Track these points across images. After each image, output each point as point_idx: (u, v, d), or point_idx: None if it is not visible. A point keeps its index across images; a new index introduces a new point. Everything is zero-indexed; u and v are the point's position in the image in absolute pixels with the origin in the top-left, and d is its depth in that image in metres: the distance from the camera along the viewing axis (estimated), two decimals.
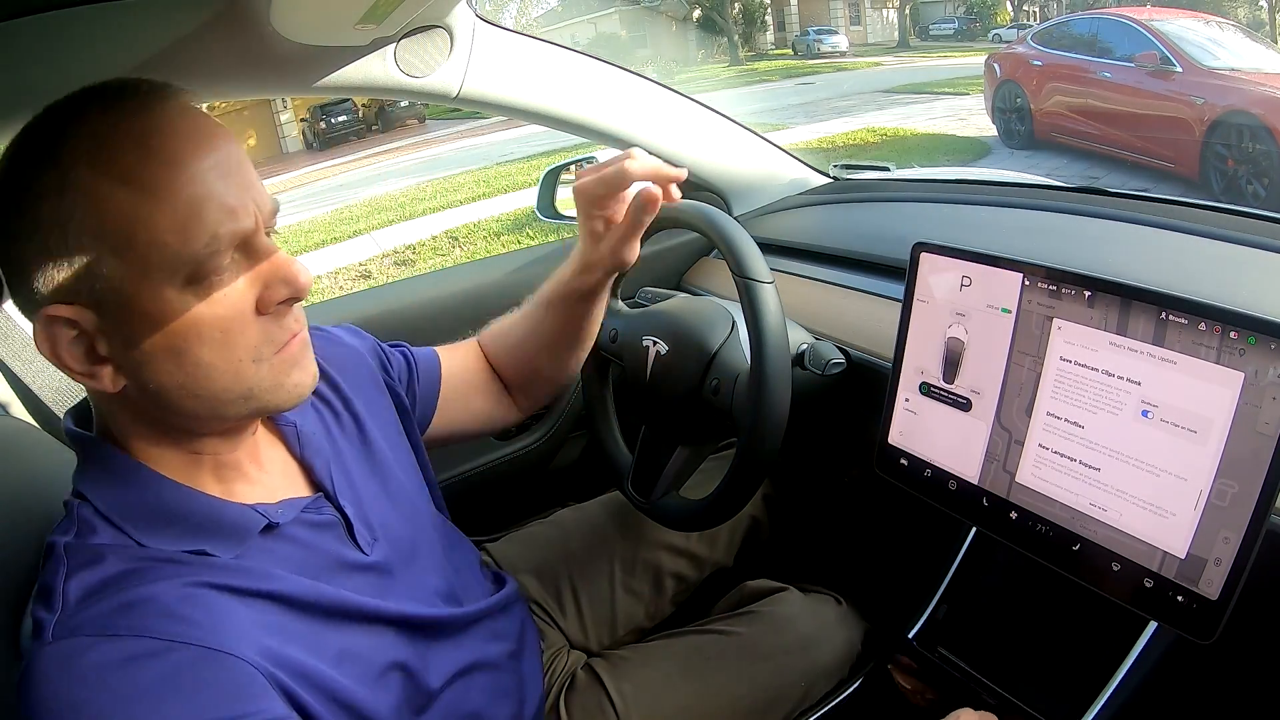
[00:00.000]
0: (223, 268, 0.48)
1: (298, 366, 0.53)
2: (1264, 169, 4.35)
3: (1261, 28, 11.74)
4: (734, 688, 0.79)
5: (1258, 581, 0.51)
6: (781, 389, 0.72)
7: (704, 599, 0.96)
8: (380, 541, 0.62)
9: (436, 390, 0.79)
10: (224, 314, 0.49)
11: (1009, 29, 15.14)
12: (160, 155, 0.46)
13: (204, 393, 0.50)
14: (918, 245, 0.71)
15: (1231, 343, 0.51)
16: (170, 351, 0.48)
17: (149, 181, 0.46)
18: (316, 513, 0.59)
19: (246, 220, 0.49)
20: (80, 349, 0.48)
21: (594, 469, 1.01)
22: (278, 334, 0.52)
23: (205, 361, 0.49)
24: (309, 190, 11.81)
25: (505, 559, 0.93)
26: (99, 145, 0.46)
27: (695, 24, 21.02)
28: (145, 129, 0.47)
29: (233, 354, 0.50)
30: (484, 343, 0.87)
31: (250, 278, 0.50)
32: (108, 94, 0.48)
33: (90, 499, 0.50)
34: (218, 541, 0.51)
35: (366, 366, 0.73)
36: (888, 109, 9.76)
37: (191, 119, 0.49)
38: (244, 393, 0.51)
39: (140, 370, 0.49)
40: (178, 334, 0.48)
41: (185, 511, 0.52)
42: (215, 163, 0.48)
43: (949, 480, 0.70)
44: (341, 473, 0.63)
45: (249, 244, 0.50)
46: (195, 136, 0.48)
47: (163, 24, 0.74)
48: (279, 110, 17.02)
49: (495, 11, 20.94)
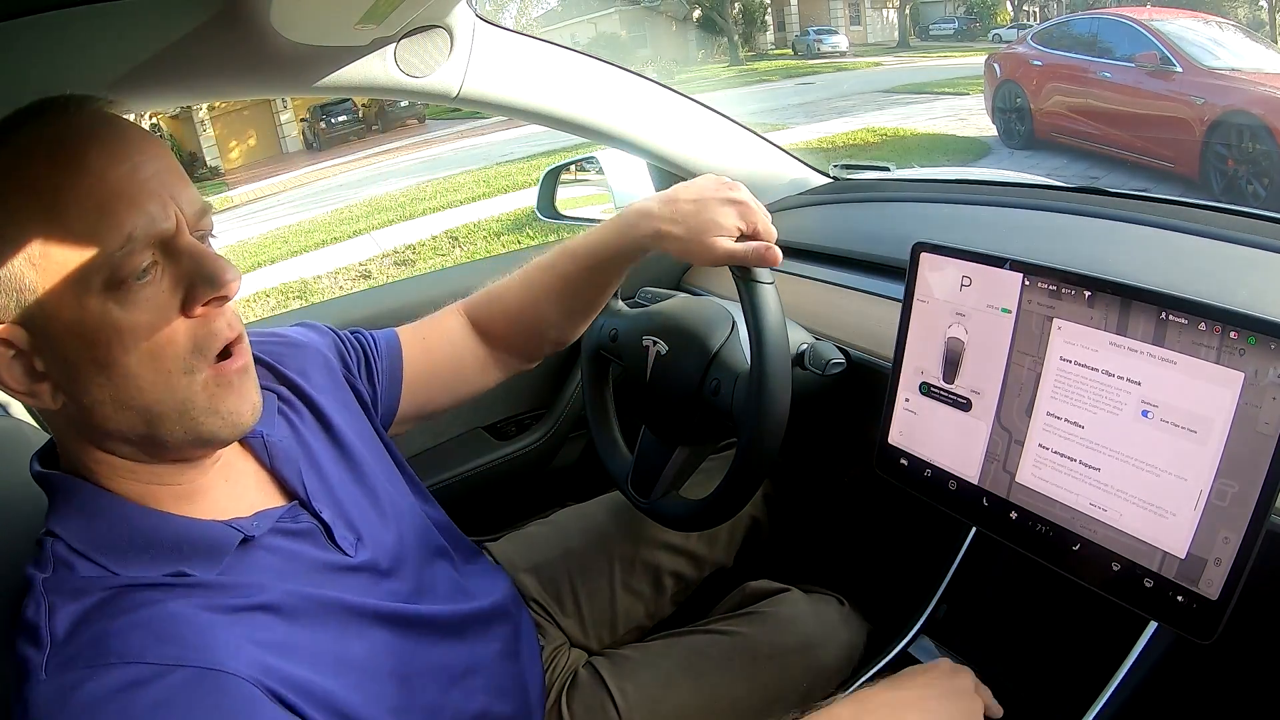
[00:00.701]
0: (141, 270, 0.47)
1: (235, 394, 0.52)
2: (1264, 169, 4.34)
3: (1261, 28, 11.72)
4: (736, 688, 0.79)
5: (1258, 581, 0.51)
6: (781, 389, 0.72)
7: (705, 599, 0.96)
8: (364, 541, 0.62)
9: (400, 369, 0.78)
10: (148, 319, 0.48)
11: (1009, 29, 15.13)
12: (68, 162, 0.46)
13: (135, 404, 0.49)
14: (918, 245, 0.71)
15: (1231, 343, 0.51)
16: (97, 363, 0.47)
17: (59, 188, 0.46)
18: (293, 521, 0.58)
19: (164, 220, 0.48)
20: (20, 367, 0.48)
21: (594, 469, 1.01)
22: (208, 341, 0.50)
23: (133, 372, 0.48)
24: (309, 190, 11.82)
25: (505, 559, 0.93)
26: (15, 161, 0.46)
27: (695, 24, 21.01)
28: (56, 139, 0.47)
29: (161, 363, 0.48)
30: (469, 307, 0.86)
31: (174, 279, 0.49)
32: (31, 111, 0.48)
33: (61, 536, 0.50)
34: (195, 562, 0.51)
35: (327, 363, 0.72)
36: (888, 109, 9.76)
37: (103, 125, 0.48)
38: (177, 406, 0.49)
39: (73, 385, 0.48)
40: (102, 343, 0.47)
41: (157, 536, 0.51)
42: (131, 167, 0.48)
43: (949, 480, 0.70)
44: (316, 477, 0.62)
45: (171, 245, 0.49)
46: (109, 143, 0.48)
47: (163, 24, 0.74)
48: (279, 110, 17.01)
49: (495, 11, 20.93)
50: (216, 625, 0.48)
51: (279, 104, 16.66)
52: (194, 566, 0.51)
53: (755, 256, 0.72)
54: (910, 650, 0.78)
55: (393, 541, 0.65)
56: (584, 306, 0.83)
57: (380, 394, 0.77)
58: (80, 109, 0.49)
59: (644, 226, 0.74)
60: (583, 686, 0.79)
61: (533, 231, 6.38)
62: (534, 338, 0.84)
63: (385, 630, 0.58)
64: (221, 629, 0.48)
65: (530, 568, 0.91)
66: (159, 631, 0.46)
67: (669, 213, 0.73)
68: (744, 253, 0.72)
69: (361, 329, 0.79)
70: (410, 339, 0.80)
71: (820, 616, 0.84)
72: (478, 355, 0.84)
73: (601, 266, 0.78)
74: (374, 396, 0.76)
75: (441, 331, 0.83)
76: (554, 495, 1.27)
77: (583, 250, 0.79)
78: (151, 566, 0.50)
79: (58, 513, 0.51)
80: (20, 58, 0.67)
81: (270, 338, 0.71)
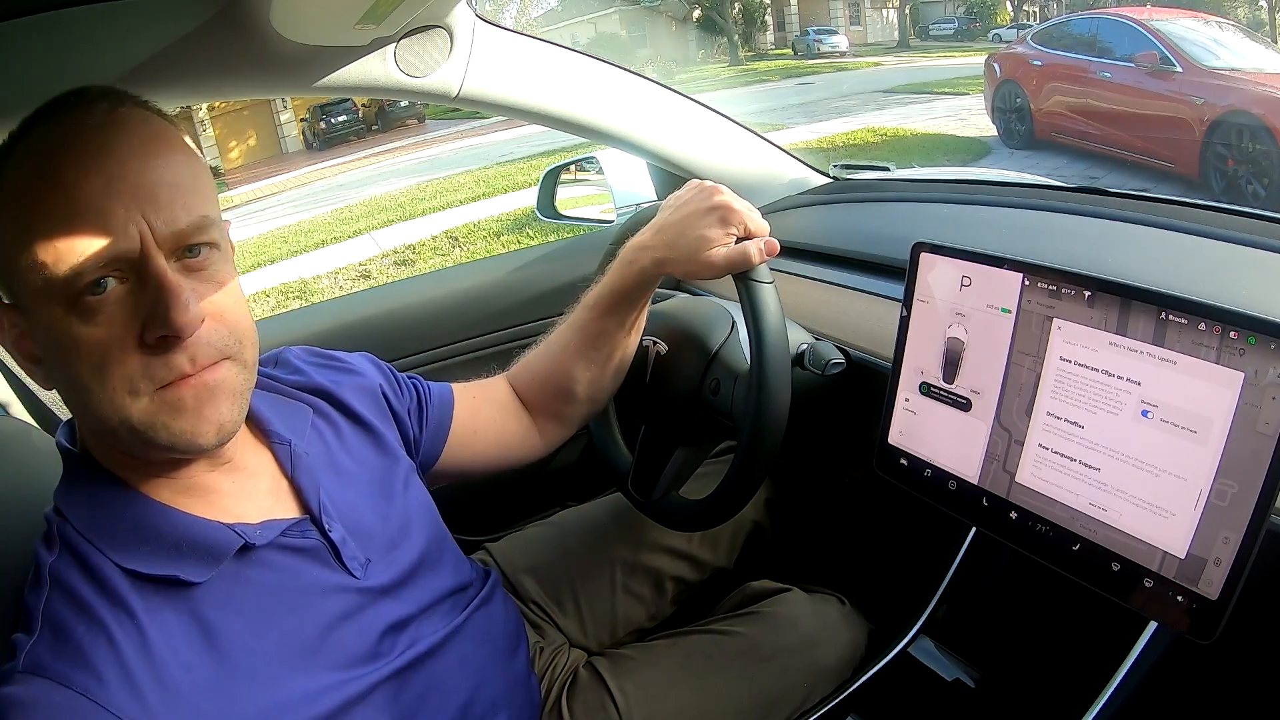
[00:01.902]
0: (100, 291, 0.47)
1: (185, 415, 0.49)
2: (1264, 169, 4.35)
3: (1261, 28, 11.74)
4: (736, 688, 0.79)
5: (1258, 581, 0.51)
6: (781, 389, 0.72)
7: (705, 599, 0.96)
8: (376, 564, 0.61)
9: (447, 426, 0.78)
10: (102, 339, 0.47)
11: (1009, 29, 15.15)
12: (45, 172, 0.47)
13: (86, 413, 0.50)
14: (917, 245, 0.71)
15: (1231, 343, 0.51)
16: (60, 366, 0.49)
17: (32, 202, 0.47)
18: (299, 536, 0.57)
19: (124, 241, 0.47)
20: (26, 345, 0.51)
21: (594, 469, 1.01)
22: (159, 370, 0.48)
23: (83, 384, 0.48)
24: (309, 190, 11.83)
25: (505, 559, 0.93)
26: (12, 160, 0.48)
27: (695, 24, 21.01)
28: (42, 144, 0.47)
29: (107, 381, 0.48)
30: (511, 376, 0.87)
31: (136, 303, 0.48)
32: (50, 107, 0.49)
33: (69, 517, 0.51)
34: (191, 563, 0.51)
35: (377, 393, 0.73)
36: (888, 109, 9.76)
37: (89, 135, 0.48)
38: (122, 422, 0.48)
39: (51, 375, 0.51)
40: (63, 351, 0.48)
41: (160, 531, 0.51)
42: (106, 181, 0.47)
43: (949, 480, 0.70)
44: (338, 495, 0.62)
45: (140, 268, 0.48)
46: (89, 154, 0.47)
47: (163, 24, 0.74)
48: (279, 110, 17.03)
49: (495, 11, 20.93)
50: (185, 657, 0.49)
51: (279, 104, 16.68)
52: (188, 568, 0.51)
53: (753, 257, 0.72)
54: (910, 650, 0.78)
55: (405, 567, 0.64)
56: (607, 356, 0.82)
57: (424, 440, 0.77)
58: (91, 109, 0.49)
59: (643, 260, 0.76)
60: (583, 686, 0.79)
61: (533, 231, 6.38)
62: (565, 396, 0.83)
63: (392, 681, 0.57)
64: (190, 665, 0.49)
65: (530, 568, 0.91)
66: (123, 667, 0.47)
67: (661, 240, 0.75)
68: (741, 258, 0.72)
69: (418, 376, 0.80)
70: (461, 396, 0.81)
71: (821, 616, 0.84)
72: (521, 423, 0.85)
73: (615, 309, 0.79)
74: (418, 440, 0.76)
75: (489, 395, 0.84)
76: (554, 496, 1.27)
77: (594, 298, 0.80)
78: (148, 561, 0.50)
79: (69, 492, 0.53)
80: (20, 58, 0.67)
81: (327, 360, 0.73)
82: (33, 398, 0.90)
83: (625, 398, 0.88)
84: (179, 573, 0.50)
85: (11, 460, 0.72)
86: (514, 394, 0.86)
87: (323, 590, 0.57)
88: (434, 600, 0.65)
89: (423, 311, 1.24)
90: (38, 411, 0.91)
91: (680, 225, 0.74)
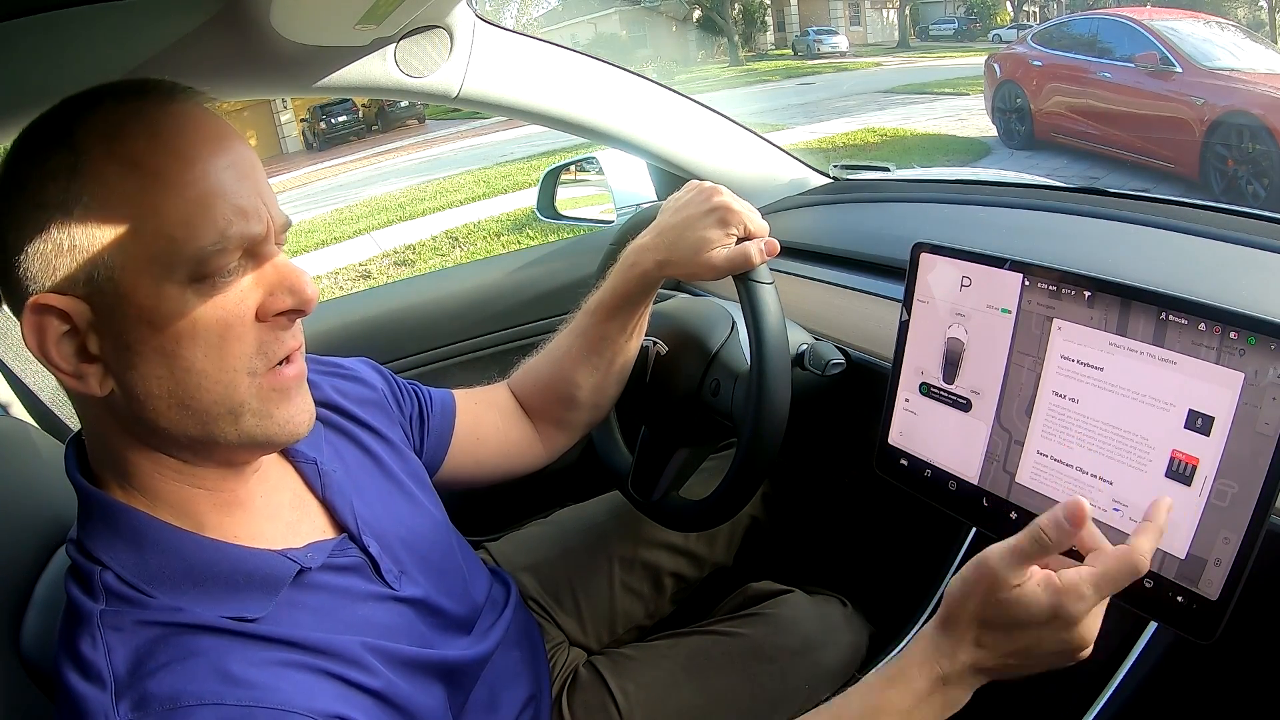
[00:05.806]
0: (228, 269, 0.47)
1: (290, 401, 0.51)
2: (1264, 169, 4.35)
3: (1261, 28, 11.75)
4: (737, 689, 0.79)
5: (1258, 581, 0.51)
6: (781, 389, 0.72)
7: (706, 599, 0.96)
8: (408, 574, 0.61)
9: (449, 434, 0.78)
10: (223, 316, 0.47)
11: (1009, 29, 15.16)
12: (173, 147, 0.46)
13: (193, 403, 0.47)
14: (917, 245, 0.71)
15: (1231, 343, 0.51)
16: (162, 353, 0.46)
17: (161, 171, 0.45)
18: (343, 555, 0.57)
19: (257, 224, 0.48)
20: (71, 346, 0.46)
21: (594, 469, 1.01)
22: (274, 346, 0.49)
23: (197, 368, 0.47)
24: (309, 190, 11.82)
25: (505, 559, 0.93)
26: (114, 131, 0.45)
27: (695, 24, 21.02)
28: (159, 121, 0.46)
29: (226, 361, 0.47)
30: (513, 383, 0.87)
31: (254, 281, 0.49)
32: (123, 89, 0.47)
33: (111, 566, 0.48)
34: (250, 596, 0.50)
35: (381, 400, 0.73)
36: (888, 109, 9.77)
37: (206, 118, 0.48)
38: (233, 408, 0.48)
39: (129, 372, 0.46)
40: (173, 334, 0.46)
41: (212, 568, 0.49)
42: (230, 163, 0.47)
43: (949, 481, 0.70)
44: (365, 509, 0.62)
45: (257, 250, 0.49)
46: (210, 134, 0.48)
47: (163, 24, 0.74)
48: (279, 110, 17.03)
49: (495, 11, 20.94)
50: (282, 667, 0.48)
51: (279, 104, 16.68)
52: (249, 603, 0.49)
53: (754, 257, 0.72)
54: None
55: (435, 572, 0.64)
56: (610, 361, 0.81)
57: (426, 449, 0.76)
58: (185, 97, 0.48)
59: (645, 262, 0.76)
60: (583, 685, 0.79)
61: (533, 231, 6.38)
62: (568, 402, 0.83)
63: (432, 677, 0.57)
64: (288, 671, 0.48)
65: (529, 567, 0.91)
66: (227, 673, 0.45)
67: (662, 242, 0.75)
68: (741, 258, 0.72)
69: (419, 383, 0.79)
70: (463, 403, 0.80)
71: (823, 618, 0.84)
72: (523, 430, 0.84)
73: (617, 313, 0.79)
74: (420, 448, 0.75)
75: (491, 402, 0.84)
76: (553, 495, 1.27)
77: (596, 303, 0.80)
78: (207, 601, 0.48)
79: (99, 538, 0.49)
80: (20, 58, 0.67)
81: (329, 367, 0.72)
82: (33, 398, 0.90)
83: (625, 398, 0.88)
84: (244, 611, 0.49)
85: (11, 460, 0.72)
86: (515, 401, 0.86)
87: (368, 601, 0.57)
88: (473, 605, 0.66)
89: (422, 312, 1.24)
90: (38, 411, 0.91)
91: (680, 227, 0.74)
